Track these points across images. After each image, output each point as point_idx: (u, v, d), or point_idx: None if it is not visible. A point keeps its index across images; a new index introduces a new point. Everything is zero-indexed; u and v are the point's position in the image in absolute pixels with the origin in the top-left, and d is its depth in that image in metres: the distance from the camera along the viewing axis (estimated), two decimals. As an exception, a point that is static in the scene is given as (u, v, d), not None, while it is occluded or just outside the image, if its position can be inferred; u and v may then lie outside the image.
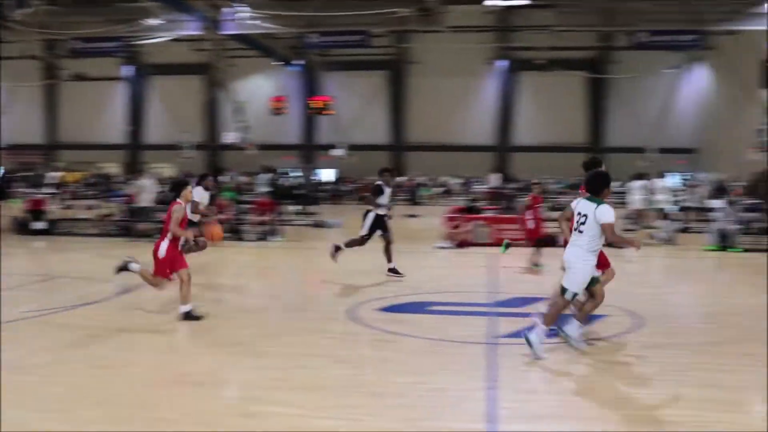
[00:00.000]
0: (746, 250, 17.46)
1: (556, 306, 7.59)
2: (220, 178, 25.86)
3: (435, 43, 40.16)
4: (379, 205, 12.43)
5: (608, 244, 7.48)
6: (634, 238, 7.74)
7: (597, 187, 7.49)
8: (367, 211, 12.51)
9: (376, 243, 12.50)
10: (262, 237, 18.91)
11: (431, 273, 13.29)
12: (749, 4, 32.25)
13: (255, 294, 10.65)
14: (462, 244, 18.07)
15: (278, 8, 33.08)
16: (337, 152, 44.81)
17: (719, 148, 42.36)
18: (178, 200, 9.10)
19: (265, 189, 25.30)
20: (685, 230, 20.75)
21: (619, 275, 13.04)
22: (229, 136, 39.50)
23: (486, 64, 47.40)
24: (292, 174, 40.56)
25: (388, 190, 12.60)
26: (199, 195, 12.95)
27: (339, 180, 45.26)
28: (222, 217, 19.33)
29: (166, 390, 6.36)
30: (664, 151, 42.27)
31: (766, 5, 32.11)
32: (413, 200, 38.53)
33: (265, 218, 19.60)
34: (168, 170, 40.77)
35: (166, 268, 8.95)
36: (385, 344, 8.12)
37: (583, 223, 7.37)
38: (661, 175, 21.76)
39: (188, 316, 8.85)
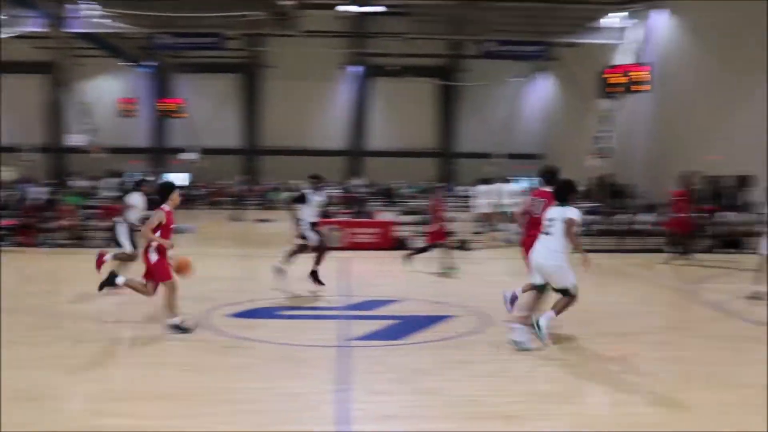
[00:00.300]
0: (585, 251, 18.34)
1: (564, 303, 8.20)
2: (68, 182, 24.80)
3: (289, 47, 40.08)
4: (305, 213, 11.99)
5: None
6: (585, 252, 8.27)
7: (565, 195, 8.26)
8: (298, 221, 12.09)
9: (229, 249, 12.31)
10: (109, 243, 18.21)
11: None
12: (588, 19, 34.02)
13: (101, 302, 10.26)
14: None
15: (128, 7, 32.06)
16: (189, 156, 43.88)
17: (562, 154, 44.34)
18: (164, 206, 8.80)
19: (111, 194, 24.46)
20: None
21: (467, 276, 13.46)
22: (74, 139, 37.90)
23: (340, 69, 47.70)
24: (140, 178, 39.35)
25: (315, 198, 12.12)
26: (138, 201, 12.41)
27: (191, 184, 44.34)
28: (66, 223, 18.60)
29: (3, 407, 6.00)
30: (511, 156, 43.88)
31: (602, 20, 33.99)
32: (265, 205, 38.24)
33: (112, 224, 18.90)
34: (6, 174, 38.68)
35: (165, 269, 8.68)
36: (236, 350, 8.02)
37: (551, 226, 8.11)
38: (507, 180, 22.54)
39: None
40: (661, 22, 32.29)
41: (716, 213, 19.78)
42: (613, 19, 33.87)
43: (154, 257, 8.68)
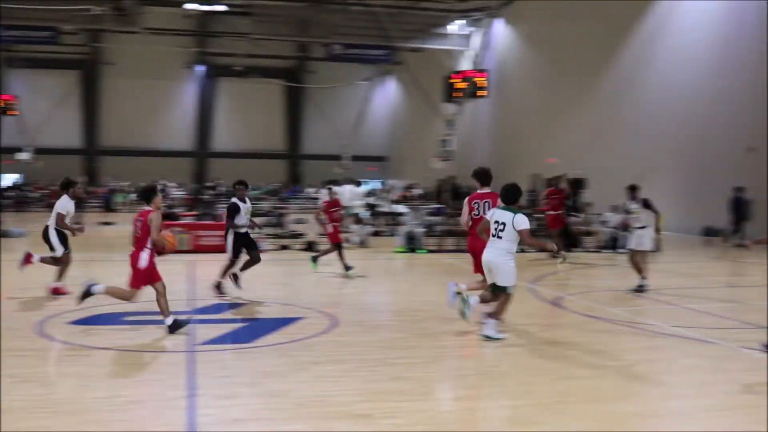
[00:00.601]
0: (431, 251, 18.87)
1: (501, 303, 8.63)
2: None
3: (131, 45, 38.90)
4: (237, 225, 11.51)
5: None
6: (547, 243, 8.71)
7: (513, 199, 8.66)
8: (227, 232, 11.62)
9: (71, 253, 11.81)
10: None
11: (126, 282, 12.82)
12: (433, 25, 34.94)
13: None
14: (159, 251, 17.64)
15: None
16: (22, 156, 41.79)
17: (408, 156, 45.31)
18: (149, 208, 8.67)
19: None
20: (377, 233, 21.91)
21: (316, 278, 13.58)
22: None
23: (185, 69, 46.77)
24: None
25: (244, 206, 11.63)
26: (66, 205, 11.50)
27: (24, 186, 42.16)
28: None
29: None
30: (358, 158, 44.44)
31: (448, 26, 35.00)
32: (108, 207, 36.93)
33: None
34: None
35: (145, 279, 8.61)
36: (79, 358, 7.74)
37: (501, 230, 8.45)
38: (354, 182, 22.82)
39: (176, 326, 8.58)
40: (499, 30, 33.62)
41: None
42: (455, 27, 34.97)
43: (144, 262, 8.67)
